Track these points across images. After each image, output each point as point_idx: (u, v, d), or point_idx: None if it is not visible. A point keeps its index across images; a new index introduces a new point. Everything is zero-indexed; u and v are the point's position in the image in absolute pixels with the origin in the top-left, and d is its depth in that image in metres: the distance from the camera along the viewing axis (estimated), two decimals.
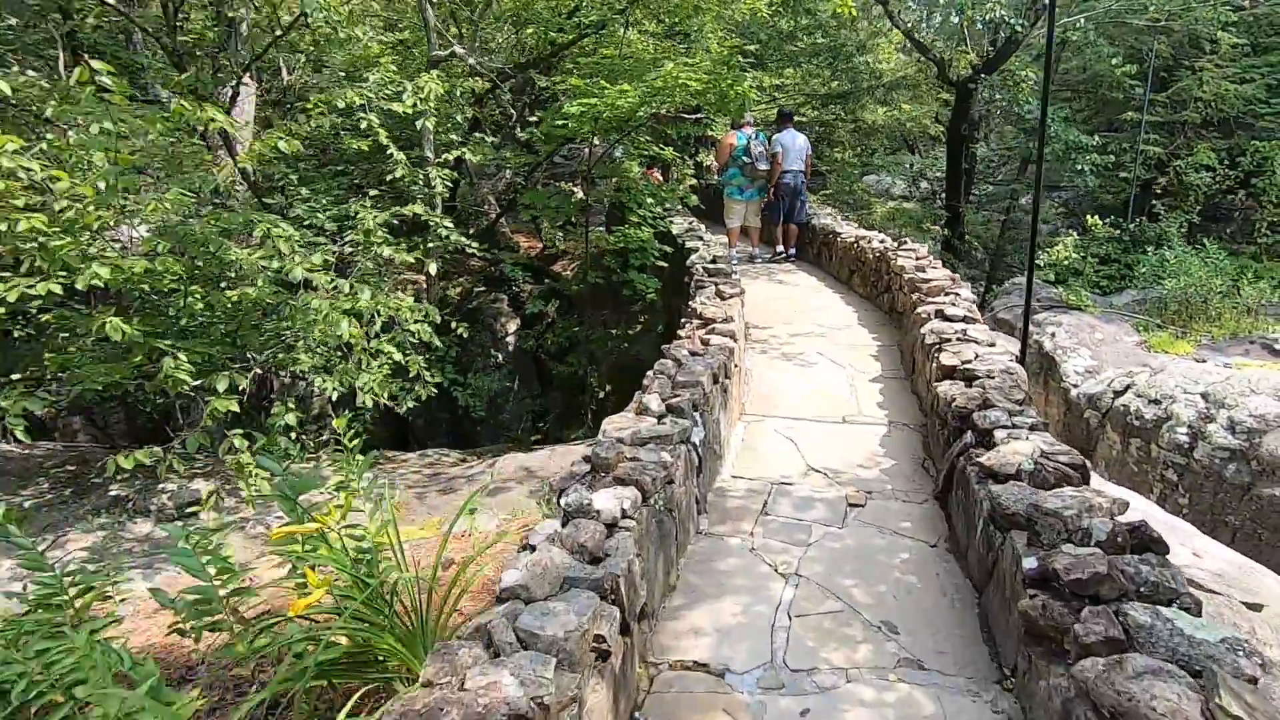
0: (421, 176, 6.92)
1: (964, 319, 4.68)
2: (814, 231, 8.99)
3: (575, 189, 14.18)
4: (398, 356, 5.13)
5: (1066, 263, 8.82)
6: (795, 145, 8.46)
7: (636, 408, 3.40)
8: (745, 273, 8.52)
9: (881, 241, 7.37)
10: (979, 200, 12.35)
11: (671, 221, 8.94)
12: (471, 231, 14.34)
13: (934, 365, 4.09)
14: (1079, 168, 9.22)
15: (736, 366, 4.53)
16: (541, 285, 13.94)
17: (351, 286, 4.43)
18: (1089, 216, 8.90)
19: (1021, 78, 9.44)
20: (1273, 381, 6.00)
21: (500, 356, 14.22)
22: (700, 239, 8.17)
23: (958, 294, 5.17)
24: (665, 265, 7.88)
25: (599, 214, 12.66)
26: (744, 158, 8.20)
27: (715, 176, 9.50)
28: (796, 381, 5.11)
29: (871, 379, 5.13)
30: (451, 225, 7.03)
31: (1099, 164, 9.24)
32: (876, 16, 11.97)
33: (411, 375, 5.65)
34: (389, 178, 7.03)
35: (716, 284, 6.02)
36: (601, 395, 8.51)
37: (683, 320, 5.18)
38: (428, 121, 6.06)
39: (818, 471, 3.83)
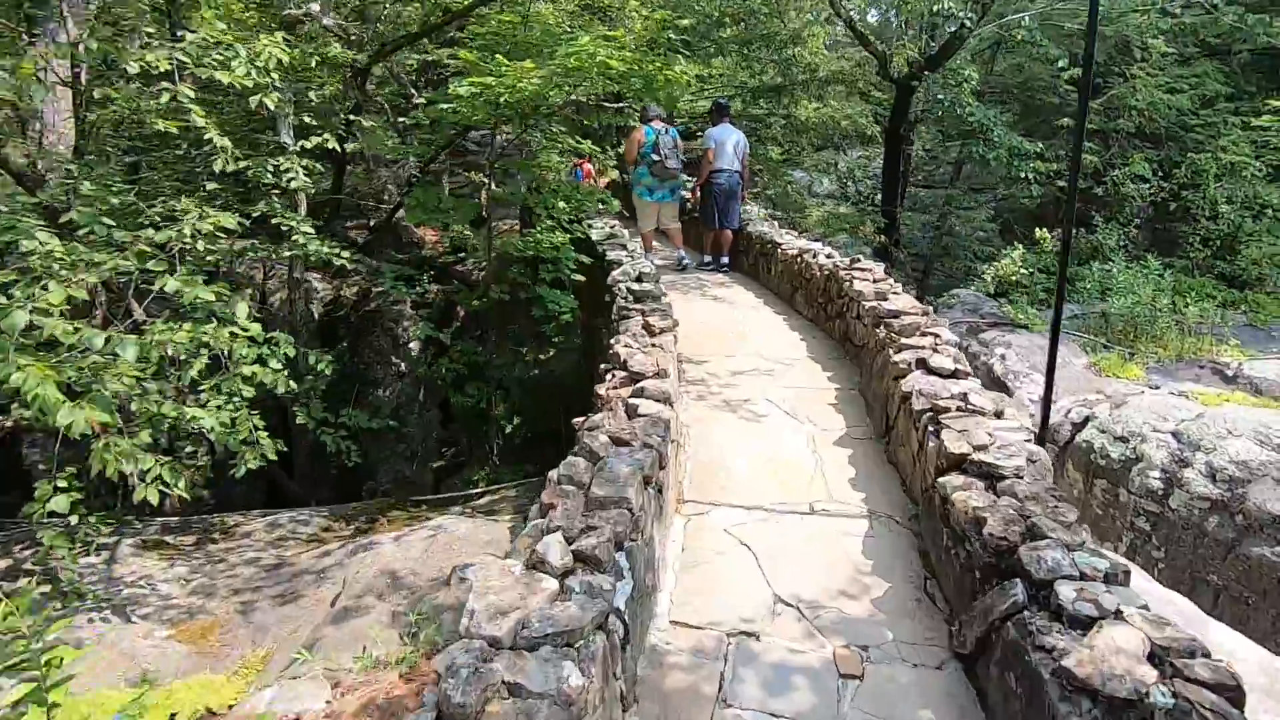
0: (272, 168, 5.39)
1: (954, 373, 3.68)
2: (750, 240, 7.96)
3: (487, 180, 12.77)
4: (208, 423, 3.66)
5: (1015, 278, 8.17)
6: (730, 142, 7.41)
7: (528, 554, 2.17)
8: (674, 285, 7.39)
9: (829, 257, 6.39)
10: (912, 205, 11.72)
11: (591, 226, 7.69)
12: (372, 223, 12.59)
13: (933, 446, 3.06)
14: (1022, 175, 8.58)
15: (674, 442, 3.36)
16: (448, 286, 12.42)
17: (109, 339, 2.94)
18: (1038, 230, 8.32)
19: (965, 76, 8.69)
20: (1252, 422, 5.40)
21: (403, 365, 12.68)
22: (624, 248, 6.96)
23: (937, 335, 4.18)
24: (583, 278, 6.64)
25: (512, 209, 11.23)
26: (652, 155, 7.10)
27: (626, 173, 8.39)
28: (746, 444, 4.01)
29: (836, 439, 4.08)
30: (313, 230, 5.55)
31: (1042, 172, 8.64)
32: (810, 6, 11.04)
33: (241, 438, 4.18)
34: (229, 169, 5.46)
35: (644, 312, 4.84)
36: (509, 429, 7.19)
37: (603, 369, 3.97)
38: (268, 99, 4.54)
39: (789, 606, 2.72)
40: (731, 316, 6.43)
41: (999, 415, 3.24)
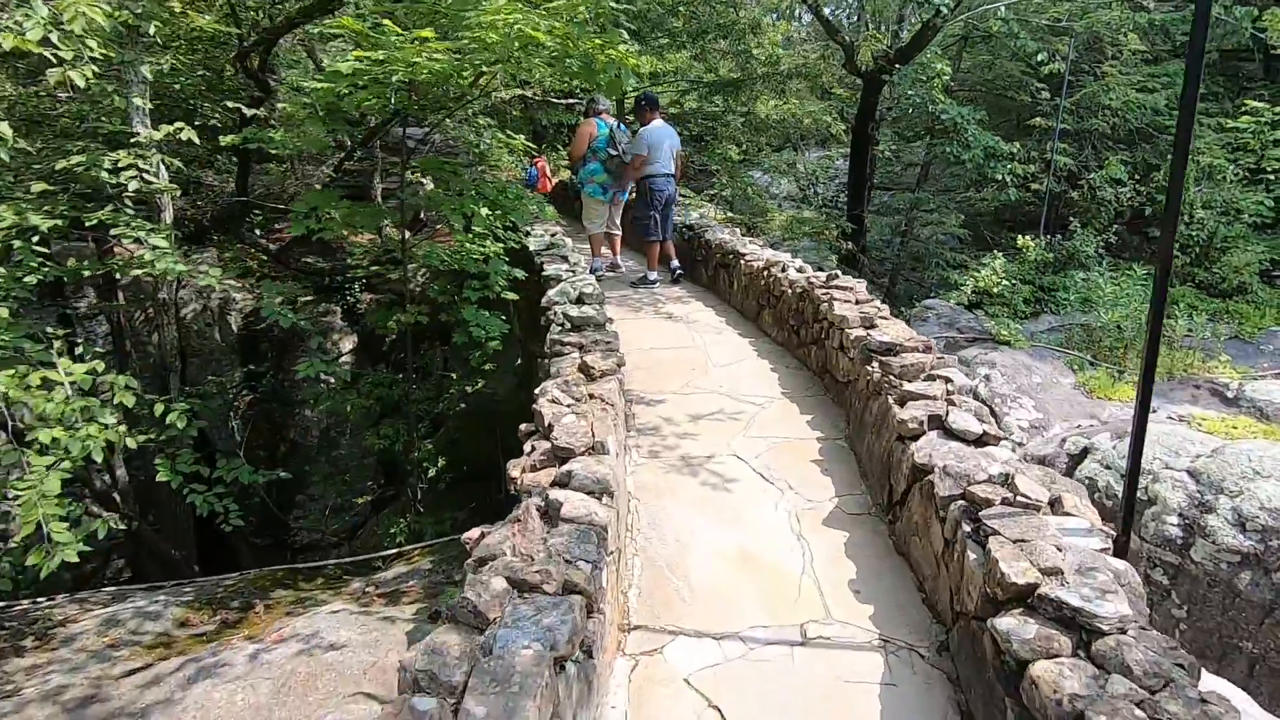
0: (109, 165, 4.21)
1: (982, 439, 2.79)
2: (709, 249, 7.03)
3: (424, 181, 11.77)
4: None
5: (997, 290, 7.44)
6: (667, 142, 6.52)
7: None
8: (625, 300, 6.42)
9: (801, 271, 5.50)
10: (876, 209, 10.99)
11: (529, 234, 6.65)
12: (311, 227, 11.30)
13: (976, 561, 2.15)
14: (998, 177, 7.88)
15: (614, 553, 2.38)
16: (380, 296, 11.27)
17: None
18: (1020, 237, 7.62)
19: (937, 71, 7.94)
20: None
21: (331, 382, 11.50)
22: (564, 259, 5.94)
23: (949, 380, 3.30)
24: (515, 297, 5.61)
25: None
26: (608, 150, 6.32)
27: (572, 174, 7.44)
28: (711, 527, 3.05)
29: (826, 516, 3.16)
30: (166, 243, 4.38)
31: (1019, 174, 7.95)
32: None
33: (25, 535, 3.02)
34: (61, 165, 4.29)
35: (582, 347, 3.85)
36: (433, 472, 6.09)
37: (523, 432, 2.97)
38: (78, 74, 3.38)
39: None
40: (690, 341, 5.48)
41: (1055, 506, 2.35)
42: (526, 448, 2.78)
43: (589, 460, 2.50)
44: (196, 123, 4.96)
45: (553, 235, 6.78)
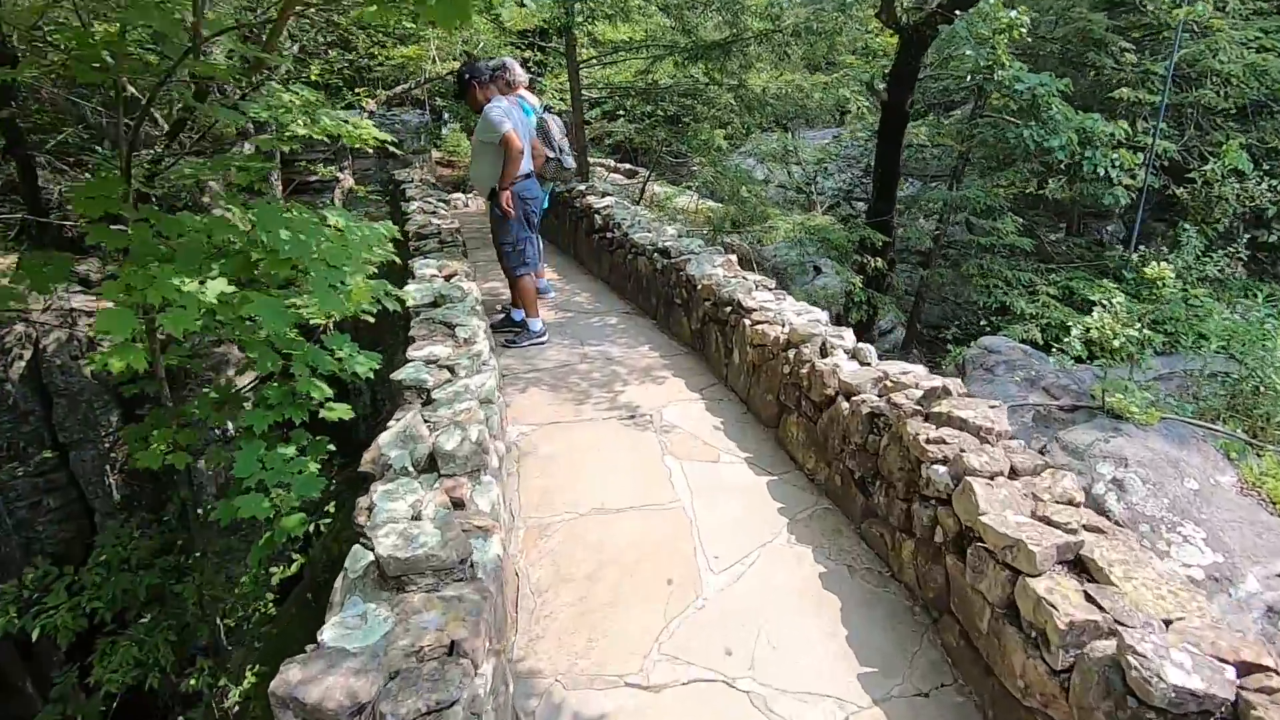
0: None
1: None
2: (692, 288, 4.50)
3: (340, 176, 9.21)
4: None
5: (1116, 341, 5.03)
6: (533, 124, 4.14)
7: None
8: (561, 378, 3.94)
9: (859, 359, 3.03)
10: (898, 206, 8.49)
11: (411, 276, 4.08)
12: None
13: None
14: (1099, 172, 5.42)
15: None
16: None
17: None
18: (1153, 264, 5.16)
19: (1008, 23, 5.42)
20: None
21: (231, 426, 8.93)
22: (449, 332, 3.38)
23: None
24: (349, 415, 3.09)
25: None
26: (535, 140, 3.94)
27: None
28: None
29: None
30: None
31: (1127, 167, 5.50)
32: None
33: None
34: None
35: None
36: (236, 694, 3.52)
37: None
38: None
39: None
40: (663, 486, 2.99)
41: None
42: None
43: None
44: None
45: (449, 277, 4.18)
